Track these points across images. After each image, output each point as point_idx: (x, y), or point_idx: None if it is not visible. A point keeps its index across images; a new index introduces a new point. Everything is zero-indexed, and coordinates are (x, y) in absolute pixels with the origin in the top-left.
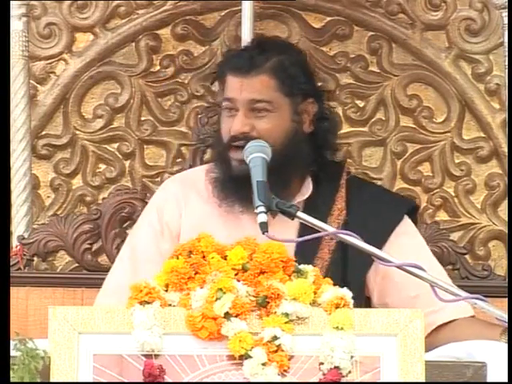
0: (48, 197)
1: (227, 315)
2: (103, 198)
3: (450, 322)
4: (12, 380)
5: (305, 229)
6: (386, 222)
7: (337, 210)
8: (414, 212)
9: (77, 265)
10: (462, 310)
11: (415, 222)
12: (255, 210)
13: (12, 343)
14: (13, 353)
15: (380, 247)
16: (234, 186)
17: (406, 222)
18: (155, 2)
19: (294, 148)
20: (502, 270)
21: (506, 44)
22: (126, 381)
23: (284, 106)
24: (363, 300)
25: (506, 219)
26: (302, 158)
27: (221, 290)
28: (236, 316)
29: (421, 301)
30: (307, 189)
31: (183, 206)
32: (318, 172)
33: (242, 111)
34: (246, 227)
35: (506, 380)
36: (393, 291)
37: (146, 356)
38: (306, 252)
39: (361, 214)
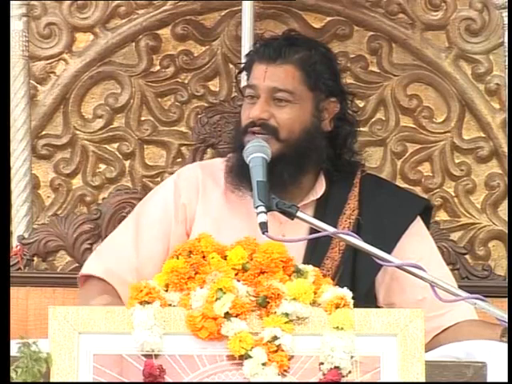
0: (48, 197)
1: (227, 315)
2: (103, 198)
3: (453, 325)
4: (15, 381)
5: (316, 230)
6: (399, 222)
7: (349, 209)
8: (426, 211)
9: (77, 265)
10: (467, 313)
11: (429, 220)
12: (255, 210)
13: (16, 346)
14: (16, 355)
15: (391, 247)
16: (246, 171)
17: (419, 222)
18: (155, 1)
19: (308, 143)
20: (502, 269)
21: (506, 44)
22: (126, 381)
23: (306, 99)
24: (373, 300)
25: (506, 219)
26: (316, 154)
27: (221, 290)
28: (236, 316)
29: (427, 304)
30: (321, 187)
31: (201, 191)
32: (333, 171)
33: (263, 98)
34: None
35: (506, 380)
36: (399, 292)
37: (145, 356)
38: (316, 252)
39: (373, 213)
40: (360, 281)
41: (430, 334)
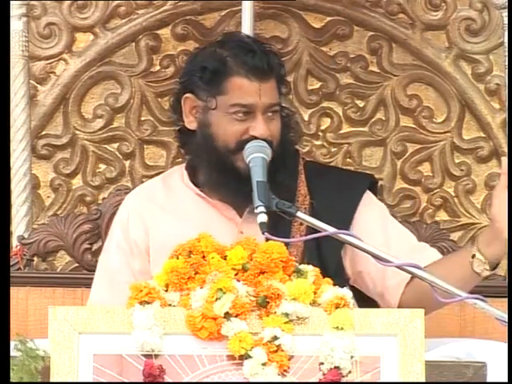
0: (48, 197)
1: (227, 315)
2: (103, 198)
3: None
4: (12, 380)
5: (272, 223)
6: (349, 200)
7: (300, 195)
8: (373, 187)
9: (77, 265)
10: (431, 257)
11: (375, 194)
12: (255, 210)
13: (12, 343)
14: (13, 353)
15: (348, 225)
16: (243, 187)
17: (368, 195)
18: (155, 2)
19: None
20: (501, 270)
21: (506, 44)
22: (126, 381)
23: None
24: (343, 276)
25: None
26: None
27: (221, 290)
28: (236, 316)
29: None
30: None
31: (148, 221)
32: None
33: (260, 115)
34: (213, 227)
35: (506, 380)
36: (362, 258)
37: (146, 356)
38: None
39: (324, 197)
40: (328, 260)
41: (401, 286)
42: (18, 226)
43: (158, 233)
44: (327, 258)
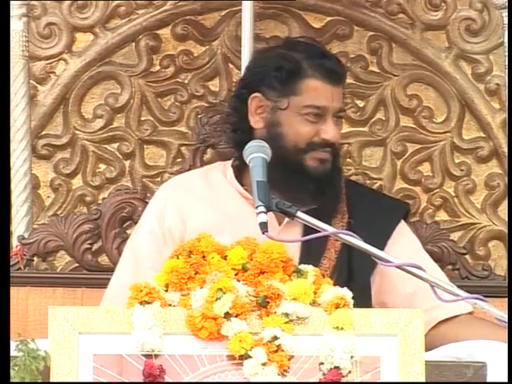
0: (48, 197)
1: (227, 315)
2: (103, 198)
3: (450, 318)
4: (13, 380)
5: (308, 232)
6: (384, 227)
7: (340, 212)
8: (406, 214)
9: (77, 265)
10: (462, 307)
11: (406, 221)
12: (255, 210)
13: (14, 344)
14: (14, 353)
15: (381, 249)
16: (309, 184)
17: (403, 225)
18: (155, 1)
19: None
20: (502, 270)
21: (506, 44)
22: (126, 381)
23: None
24: (370, 299)
25: (506, 219)
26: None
27: (221, 289)
28: (236, 316)
29: (419, 297)
30: None
31: (185, 212)
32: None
33: (331, 119)
34: (250, 228)
35: (506, 380)
36: (390, 289)
37: (146, 356)
38: (312, 253)
39: (360, 219)
40: (357, 280)
41: (426, 327)
42: (18, 226)
43: (196, 223)
44: (356, 278)
